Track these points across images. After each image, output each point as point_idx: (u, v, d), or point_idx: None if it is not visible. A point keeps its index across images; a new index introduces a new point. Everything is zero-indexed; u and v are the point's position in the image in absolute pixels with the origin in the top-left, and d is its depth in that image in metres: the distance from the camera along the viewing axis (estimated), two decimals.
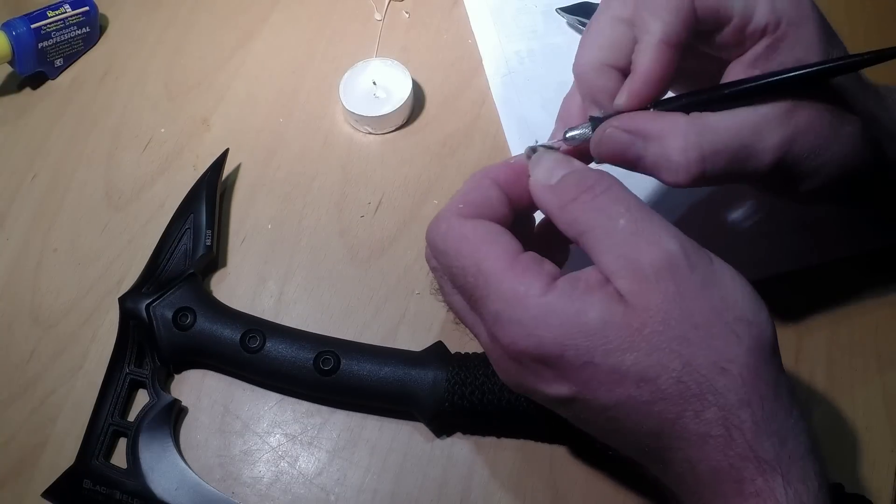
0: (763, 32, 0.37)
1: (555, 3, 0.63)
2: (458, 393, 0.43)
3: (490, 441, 0.45)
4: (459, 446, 0.45)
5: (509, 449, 0.45)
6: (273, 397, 0.47)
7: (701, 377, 0.31)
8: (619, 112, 0.38)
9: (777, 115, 0.36)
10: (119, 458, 0.45)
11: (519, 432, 0.45)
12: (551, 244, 0.40)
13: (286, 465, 0.45)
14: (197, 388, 0.48)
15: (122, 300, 0.48)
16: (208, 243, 0.50)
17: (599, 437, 0.36)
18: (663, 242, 0.33)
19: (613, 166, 0.38)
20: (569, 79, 0.41)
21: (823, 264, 0.50)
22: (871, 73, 0.40)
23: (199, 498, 0.43)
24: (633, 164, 0.37)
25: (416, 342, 0.47)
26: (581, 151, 0.39)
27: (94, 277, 0.52)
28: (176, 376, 0.48)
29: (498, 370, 0.37)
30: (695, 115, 0.37)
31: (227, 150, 0.55)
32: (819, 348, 0.48)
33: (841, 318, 0.48)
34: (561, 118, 0.42)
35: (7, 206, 0.55)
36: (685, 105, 0.38)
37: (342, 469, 0.45)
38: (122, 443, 0.45)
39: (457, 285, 0.36)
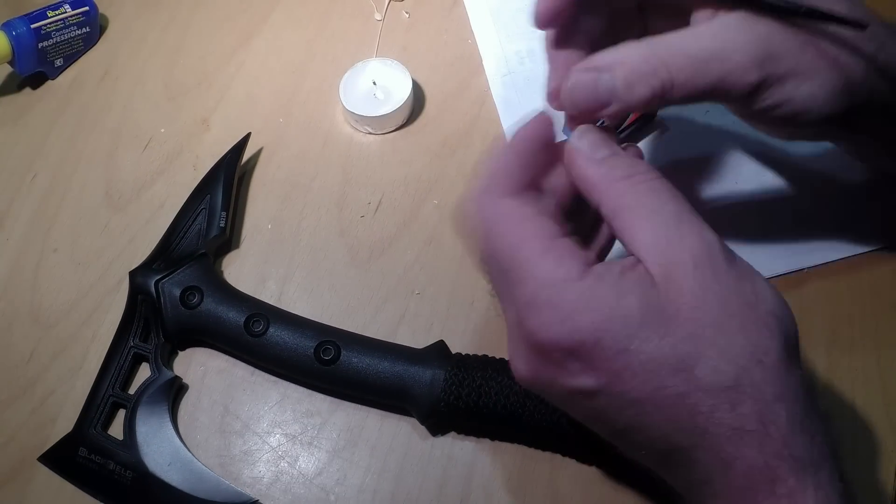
0: None
1: None
2: (455, 393, 0.43)
3: (491, 442, 0.45)
4: (460, 447, 0.45)
5: (510, 450, 0.45)
6: (273, 397, 0.47)
7: (738, 367, 0.30)
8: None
9: (737, 23, 0.36)
10: (116, 430, 0.46)
11: (514, 438, 0.45)
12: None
13: (286, 465, 0.45)
14: (198, 382, 0.48)
15: (132, 274, 0.48)
16: (222, 225, 0.50)
17: (613, 437, 0.34)
18: (704, 233, 0.32)
19: None
20: None
21: (823, 264, 0.50)
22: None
23: (190, 475, 0.44)
24: (606, 102, 0.36)
25: (416, 342, 0.47)
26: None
27: (94, 277, 0.52)
28: (179, 357, 0.48)
29: (514, 361, 0.35)
30: (645, 37, 0.36)
31: (248, 134, 0.55)
32: (819, 348, 0.47)
33: (841, 318, 0.48)
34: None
35: (7, 206, 0.55)
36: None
37: (342, 469, 0.45)
38: (121, 415, 0.46)
39: (488, 267, 0.35)
